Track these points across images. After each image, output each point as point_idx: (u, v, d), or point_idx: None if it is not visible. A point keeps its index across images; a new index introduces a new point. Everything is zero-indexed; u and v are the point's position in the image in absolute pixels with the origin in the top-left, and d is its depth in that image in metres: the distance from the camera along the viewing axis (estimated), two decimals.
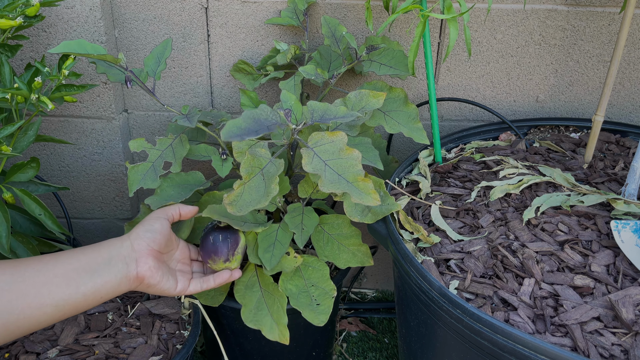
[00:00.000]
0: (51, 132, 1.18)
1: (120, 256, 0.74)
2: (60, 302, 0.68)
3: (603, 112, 0.94)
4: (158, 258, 0.77)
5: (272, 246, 0.88)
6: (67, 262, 0.70)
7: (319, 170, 0.74)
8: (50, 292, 0.67)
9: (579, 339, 0.65)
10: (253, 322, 0.89)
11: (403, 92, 0.96)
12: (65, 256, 0.71)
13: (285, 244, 0.89)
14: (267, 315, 0.89)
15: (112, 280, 0.72)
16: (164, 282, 0.77)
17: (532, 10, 1.08)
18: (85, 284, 0.70)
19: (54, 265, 0.69)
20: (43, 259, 0.70)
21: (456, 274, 0.77)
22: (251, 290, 0.91)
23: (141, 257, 0.75)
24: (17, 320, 0.65)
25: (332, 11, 1.10)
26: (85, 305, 0.71)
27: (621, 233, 0.78)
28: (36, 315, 0.67)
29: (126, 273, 0.73)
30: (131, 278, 0.74)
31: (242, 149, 0.85)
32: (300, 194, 0.93)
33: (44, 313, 0.67)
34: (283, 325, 0.88)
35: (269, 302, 0.90)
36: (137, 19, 1.11)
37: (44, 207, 0.92)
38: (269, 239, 0.88)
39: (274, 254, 0.87)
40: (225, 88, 1.18)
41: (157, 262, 0.76)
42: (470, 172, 0.99)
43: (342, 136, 0.77)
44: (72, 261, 0.71)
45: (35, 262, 0.69)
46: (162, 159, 0.92)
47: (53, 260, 0.70)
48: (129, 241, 0.76)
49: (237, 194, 0.76)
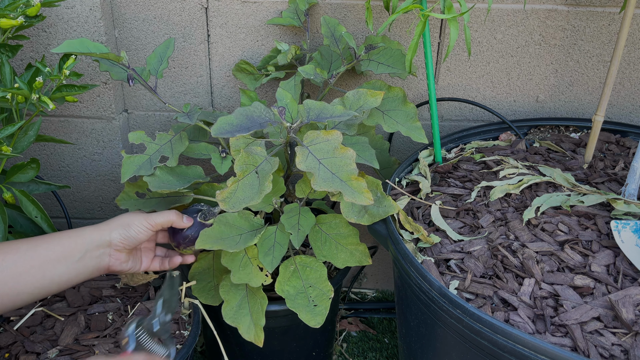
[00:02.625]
0: (51, 132, 1.18)
1: (96, 249, 0.79)
2: (35, 291, 0.74)
3: (603, 112, 0.94)
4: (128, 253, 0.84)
5: (272, 248, 0.88)
6: (43, 252, 0.75)
7: (313, 169, 0.74)
8: (27, 283, 0.73)
9: (579, 339, 0.65)
10: (232, 319, 0.90)
11: (402, 91, 0.96)
12: (42, 246, 0.76)
13: (285, 244, 0.88)
14: (247, 314, 0.90)
15: (85, 271, 0.78)
16: (129, 266, 0.85)
17: (532, 10, 1.08)
18: (60, 276, 0.76)
19: (31, 256, 0.74)
20: (20, 249, 0.74)
21: (456, 274, 0.77)
22: (237, 288, 0.91)
23: (114, 253, 0.81)
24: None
25: (332, 11, 1.10)
26: (57, 290, 0.77)
27: (621, 233, 0.78)
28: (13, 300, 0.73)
29: (98, 264, 0.80)
30: (102, 269, 0.81)
31: (238, 147, 0.85)
32: (297, 193, 0.93)
33: (20, 299, 0.73)
34: (260, 327, 0.89)
35: (251, 302, 0.90)
36: (137, 19, 1.11)
37: (41, 209, 0.93)
38: (268, 242, 0.88)
39: (274, 256, 0.87)
40: (225, 88, 1.18)
41: (127, 256, 0.84)
42: (470, 172, 0.99)
43: (337, 135, 0.77)
44: (48, 252, 0.75)
45: (14, 252, 0.74)
46: (160, 154, 0.93)
47: (31, 251, 0.75)
48: (107, 236, 0.80)
49: (231, 191, 0.77)
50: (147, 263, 0.89)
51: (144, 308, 0.96)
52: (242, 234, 0.87)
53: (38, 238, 0.77)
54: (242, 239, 0.86)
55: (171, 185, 0.90)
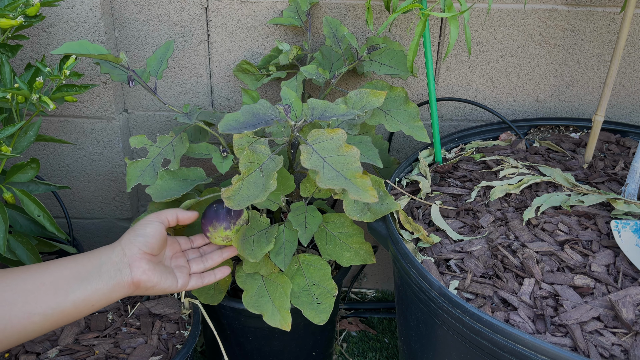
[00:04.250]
0: (51, 132, 1.18)
1: (111, 262, 0.71)
2: (48, 311, 0.66)
3: (603, 112, 0.94)
4: (152, 260, 0.75)
5: (283, 247, 0.89)
6: (55, 270, 0.68)
7: (318, 167, 0.75)
8: (38, 301, 0.65)
9: (579, 339, 0.65)
10: (254, 307, 0.89)
11: (404, 91, 0.96)
12: (54, 265, 0.69)
13: (294, 242, 0.89)
14: (269, 301, 0.90)
15: (103, 287, 0.70)
16: (162, 282, 0.75)
17: (532, 10, 1.08)
18: (74, 292, 0.68)
19: (42, 273, 0.68)
20: (31, 268, 0.68)
21: (456, 274, 0.77)
22: (252, 278, 0.91)
23: (134, 262, 0.72)
24: (4, 330, 0.64)
25: (332, 11, 1.10)
26: (75, 314, 0.69)
27: (621, 233, 0.78)
28: (24, 324, 0.65)
29: (119, 279, 0.71)
30: (125, 284, 0.71)
31: (242, 145, 0.86)
32: (302, 193, 0.93)
33: (32, 322, 0.65)
34: (285, 311, 0.88)
35: (271, 290, 0.90)
36: (137, 19, 1.11)
37: (42, 208, 0.92)
38: (278, 241, 0.89)
39: (285, 254, 0.88)
40: (225, 88, 1.18)
41: (151, 265, 0.74)
42: (470, 172, 0.99)
43: (341, 133, 0.77)
44: (61, 269, 0.69)
45: (23, 271, 0.67)
46: (162, 156, 0.92)
47: (42, 268, 0.68)
48: (119, 247, 0.73)
49: (236, 189, 0.77)
50: (185, 279, 0.79)
51: (144, 308, 0.96)
52: (253, 235, 0.87)
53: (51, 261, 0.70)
54: (255, 241, 0.87)
55: (174, 192, 0.90)
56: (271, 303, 0.89)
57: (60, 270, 0.69)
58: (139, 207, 1.32)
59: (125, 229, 1.29)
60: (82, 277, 0.69)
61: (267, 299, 0.90)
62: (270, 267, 0.90)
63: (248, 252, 0.85)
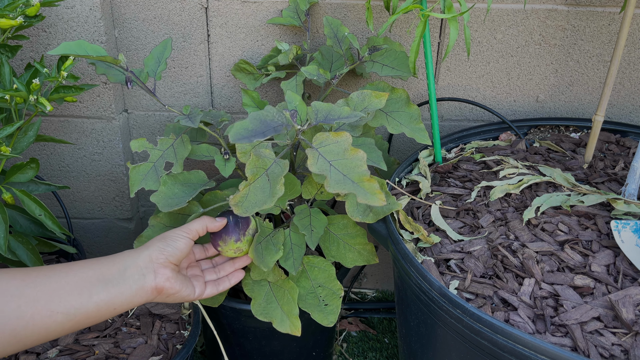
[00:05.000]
0: (51, 132, 1.18)
1: (136, 266, 0.72)
2: (71, 311, 0.66)
3: (603, 112, 0.94)
4: (174, 269, 0.76)
5: (291, 251, 0.88)
6: (80, 271, 0.69)
7: (325, 171, 0.74)
8: (62, 300, 0.66)
9: (579, 339, 0.65)
10: (263, 315, 0.89)
11: (405, 93, 0.96)
12: (78, 265, 0.70)
13: (302, 245, 0.89)
14: (277, 308, 0.89)
15: (126, 290, 0.70)
16: (183, 290, 0.76)
17: (532, 10, 1.08)
18: (98, 293, 0.68)
19: (67, 273, 0.68)
20: (55, 268, 0.68)
21: (456, 274, 0.77)
22: (259, 284, 0.91)
23: (159, 269, 0.73)
24: (26, 327, 0.64)
25: (332, 11, 1.10)
26: (98, 316, 0.68)
27: (621, 233, 0.78)
28: (46, 322, 0.65)
29: (142, 284, 0.71)
30: (148, 289, 0.72)
31: (245, 149, 0.85)
32: (304, 195, 0.93)
33: (54, 321, 0.65)
34: (294, 317, 0.87)
35: (279, 295, 0.90)
36: (137, 18, 1.11)
37: (44, 207, 0.92)
38: (286, 246, 0.88)
39: (295, 258, 0.87)
40: (225, 88, 1.18)
41: (174, 273, 0.75)
42: (470, 172, 0.99)
43: (346, 137, 0.76)
44: (85, 270, 0.69)
45: (48, 270, 0.68)
46: (164, 160, 0.92)
47: (66, 269, 0.68)
48: (147, 252, 0.74)
49: (243, 195, 0.76)
50: (201, 288, 0.80)
51: (144, 308, 0.96)
52: (260, 242, 0.87)
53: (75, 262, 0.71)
54: (263, 248, 0.86)
55: (179, 199, 0.89)
56: (280, 309, 0.88)
57: (84, 271, 0.69)
58: (139, 207, 1.32)
59: (126, 229, 1.30)
60: (106, 280, 0.69)
61: (275, 305, 0.89)
62: (277, 273, 0.89)
63: (259, 260, 0.84)
